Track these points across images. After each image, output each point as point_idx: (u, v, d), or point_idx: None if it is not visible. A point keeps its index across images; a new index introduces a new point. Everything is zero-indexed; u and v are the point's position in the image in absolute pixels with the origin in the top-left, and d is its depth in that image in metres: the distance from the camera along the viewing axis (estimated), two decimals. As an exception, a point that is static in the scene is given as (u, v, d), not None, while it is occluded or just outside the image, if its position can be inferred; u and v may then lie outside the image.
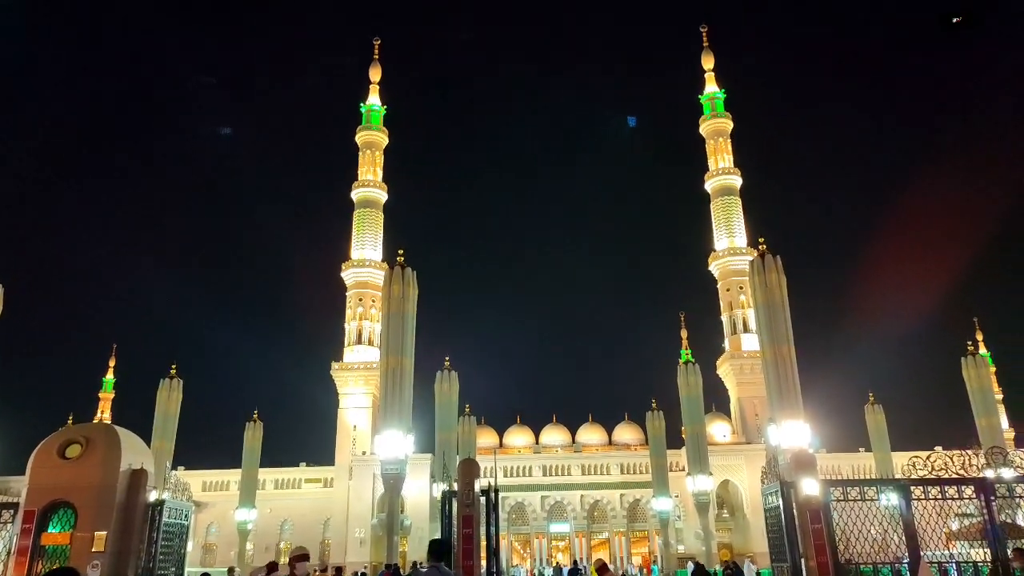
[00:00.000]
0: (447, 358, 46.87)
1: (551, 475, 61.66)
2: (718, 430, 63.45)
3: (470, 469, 22.57)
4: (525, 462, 62.86)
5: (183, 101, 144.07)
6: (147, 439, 35.11)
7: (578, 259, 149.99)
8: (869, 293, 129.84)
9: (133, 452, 20.43)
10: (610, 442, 67.27)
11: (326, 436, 65.16)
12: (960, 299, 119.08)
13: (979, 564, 21.75)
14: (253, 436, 51.97)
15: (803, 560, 21.80)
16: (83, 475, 18.58)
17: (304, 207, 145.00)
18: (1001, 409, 66.15)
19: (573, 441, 67.63)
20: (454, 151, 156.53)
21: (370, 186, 70.76)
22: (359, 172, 71.52)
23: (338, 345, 67.67)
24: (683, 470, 52.12)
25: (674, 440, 52.11)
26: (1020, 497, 22.23)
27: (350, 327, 67.14)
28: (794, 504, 22.48)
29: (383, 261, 65.98)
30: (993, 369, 65.42)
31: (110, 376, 76.03)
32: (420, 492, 52.68)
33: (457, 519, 22.19)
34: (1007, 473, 23.33)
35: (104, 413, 73.61)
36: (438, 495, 30.04)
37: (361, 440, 61.14)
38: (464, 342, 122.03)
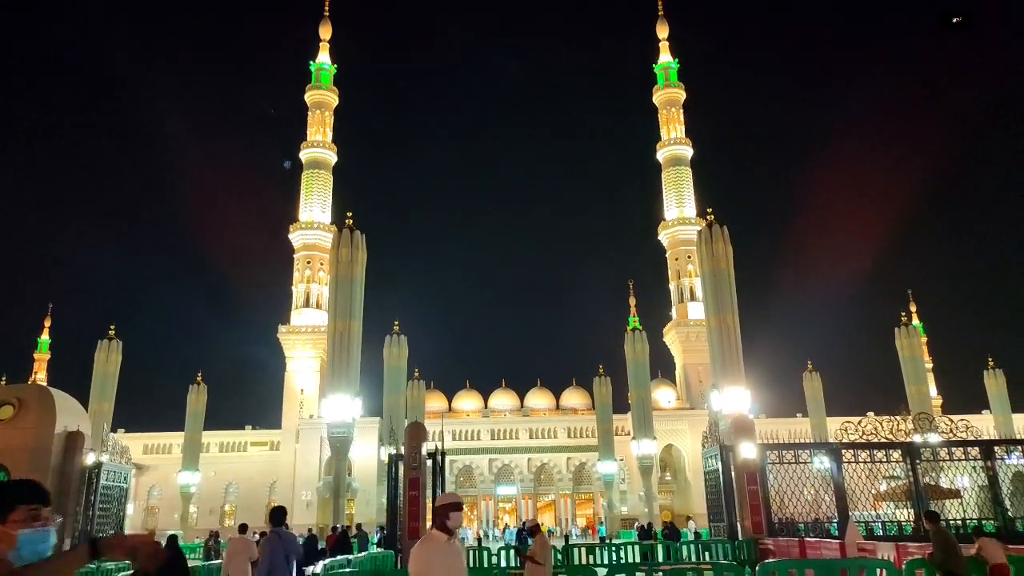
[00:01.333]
0: (396, 322, 46.70)
1: (499, 439, 62.31)
2: (663, 396, 64.85)
3: (417, 433, 22.61)
4: (474, 426, 63.36)
5: (124, 55, 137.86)
6: (85, 402, 34.23)
7: (529, 226, 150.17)
8: (811, 264, 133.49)
9: (69, 414, 19.87)
10: (558, 407, 68.21)
11: (272, 399, 64.55)
12: (896, 272, 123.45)
13: (903, 523, 22.87)
14: (197, 399, 51.08)
15: (739, 520, 22.60)
16: (16, 437, 18.00)
17: (252, 168, 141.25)
18: (931, 377, 69.27)
19: (521, 406, 68.36)
20: (405, 114, 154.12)
21: (319, 147, 69.18)
22: (308, 132, 69.81)
23: (285, 308, 66.69)
24: (628, 434, 53.24)
25: (620, 405, 53.13)
26: (943, 460, 23.41)
27: (297, 290, 66.12)
28: (732, 467, 23.24)
29: (332, 224, 64.87)
30: (925, 339, 68.21)
31: (45, 337, 73.58)
32: (368, 455, 52.72)
33: (404, 482, 22.27)
34: (933, 438, 24.49)
35: (39, 374, 71.33)
36: (386, 458, 30.09)
37: (308, 404, 60.68)
38: (414, 307, 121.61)
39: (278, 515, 10.44)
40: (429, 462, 23.36)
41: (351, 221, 33.32)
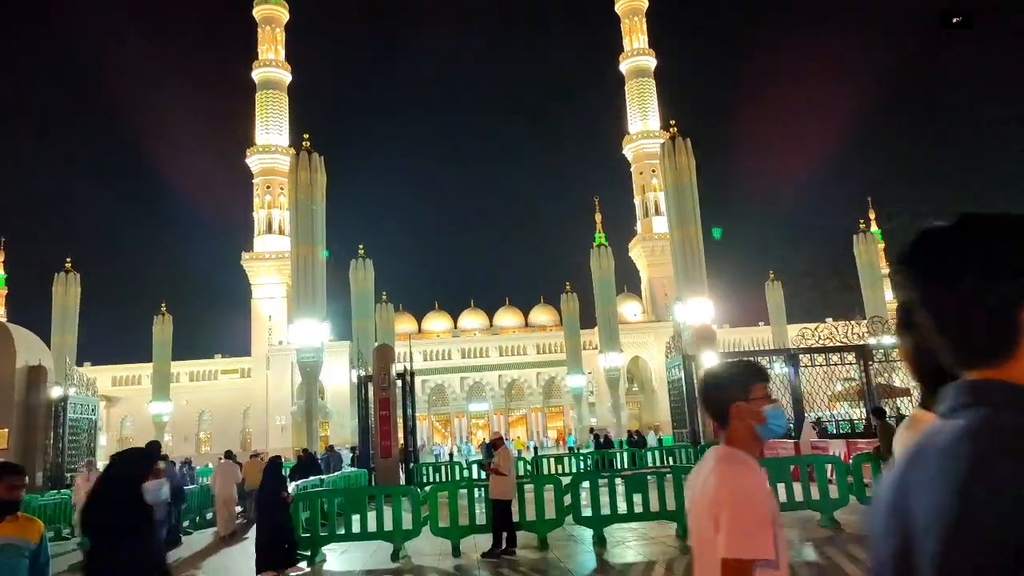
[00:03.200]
0: (361, 246, 46.25)
1: (470, 357, 63.22)
2: (629, 310, 65.91)
3: (385, 354, 22.81)
4: (444, 346, 64.06)
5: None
6: (46, 337, 33.70)
7: (495, 145, 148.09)
8: (774, 174, 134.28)
9: (29, 349, 19.61)
10: (526, 324, 69.09)
11: (241, 327, 64.30)
12: (856, 180, 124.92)
13: (855, 422, 23.96)
14: (162, 329, 50.70)
15: (701, 426, 23.46)
16: (-26, 374, 17.77)
17: (209, 90, 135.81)
18: (886, 283, 71.21)
19: (491, 325, 69.11)
20: (362, 29, 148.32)
21: (272, 66, 66.49)
22: (259, 51, 66.91)
23: (248, 234, 65.61)
24: (596, 348, 54.28)
25: (588, 320, 53.97)
26: (896, 361, 24.32)
27: (259, 216, 64.90)
28: (695, 375, 23.94)
29: (290, 147, 63.10)
30: (882, 245, 69.72)
31: (0, 272, 71.65)
32: (340, 379, 53.20)
33: (374, 402, 22.60)
34: (887, 340, 25.35)
35: (-3, 311, 69.80)
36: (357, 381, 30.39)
37: (277, 330, 60.56)
38: (380, 230, 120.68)
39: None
40: (399, 383, 23.69)
41: (308, 143, 32.45)
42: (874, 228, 68.75)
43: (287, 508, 10.24)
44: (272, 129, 65.55)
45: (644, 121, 69.88)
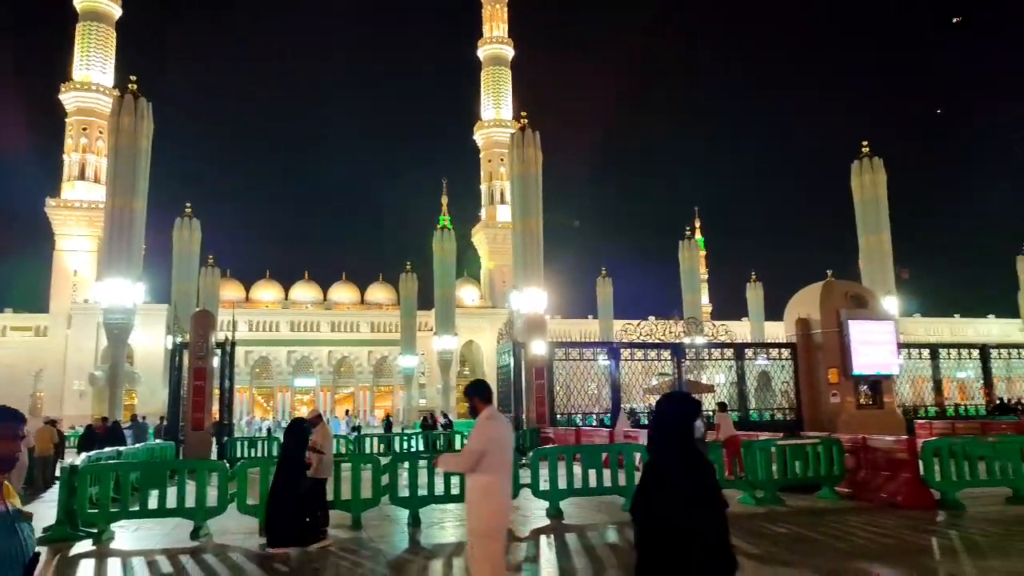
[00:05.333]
0: (188, 204, 43.07)
1: (299, 331, 61.07)
2: (468, 294, 66.56)
3: (205, 321, 21.44)
4: (273, 317, 61.44)
5: None
6: None
7: (341, 112, 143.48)
8: (616, 175, 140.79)
9: None
10: (362, 301, 67.80)
11: (38, 280, 57.87)
12: (687, 187, 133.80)
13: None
14: (-59, 276, 44.54)
15: (525, 411, 24.15)
16: None
17: (13, 10, 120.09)
18: (704, 287, 77.01)
19: (325, 299, 67.14)
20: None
21: (100, -6, 60.01)
22: (84, -25, 60.15)
23: (56, 179, 59.06)
24: (431, 330, 54.30)
25: (426, 302, 53.80)
26: (705, 360, 26.37)
27: (71, 159, 58.59)
28: (523, 362, 24.59)
29: (114, 87, 57.39)
30: (703, 252, 75.36)
31: None
32: (154, 344, 49.53)
33: (188, 371, 21.20)
34: (700, 340, 27.40)
35: None
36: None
37: (83, 286, 55.12)
38: (210, 188, 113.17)
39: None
40: (219, 352, 22.37)
41: (135, 86, 29.65)
42: (698, 236, 73.96)
43: (307, 477, 9.36)
44: (94, 65, 59.29)
45: (497, 109, 70.57)
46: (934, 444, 12.26)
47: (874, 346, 22.59)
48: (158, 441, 21.00)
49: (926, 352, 27.29)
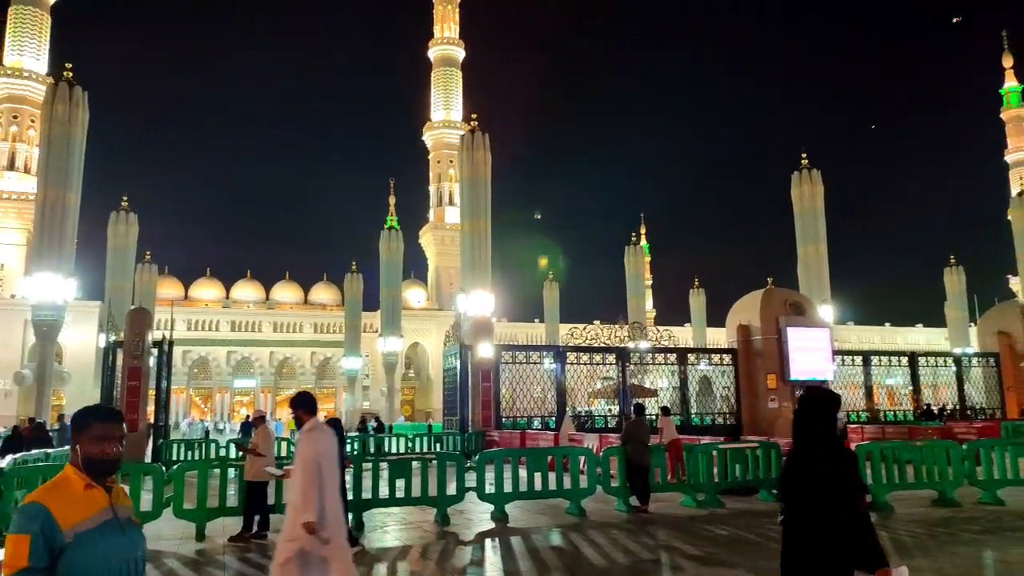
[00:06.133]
0: (125, 197, 41.68)
1: (240, 331, 59.67)
2: (414, 296, 66.06)
3: (141, 319, 20.77)
4: (213, 316, 59.89)
5: None
6: None
7: (288, 109, 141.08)
8: (566, 179, 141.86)
9: None
10: (306, 301, 66.65)
11: (-39, 274, 55.08)
12: (635, 193, 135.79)
13: (608, 417, 25.98)
14: None
15: (471, 414, 24.09)
16: None
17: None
18: (649, 293, 78.25)
19: (267, 298, 65.78)
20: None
21: (33, -22, 57.56)
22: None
23: (-18, 168, 56.34)
24: (376, 332, 53.75)
25: (371, 303, 53.24)
26: (648, 364, 26.75)
27: (-1, 149, 56.06)
28: (470, 365, 24.53)
29: (48, 75, 55.13)
30: (648, 259, 76.48)
31: None
32: (86, 342, 47.78)
33: (122, 371, 20.49)
34: (643, 345, 27.78)
35: None
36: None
37: (10, 281, 52.76)
38: (148, 183, 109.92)
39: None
40: (155, 351, 21.70)
41: (71, 74, 28.61)
42: (644, 242, 75.11)
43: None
44: (27, 51, 56.88)
45: (447, 110, 70.32)
46: (865, 448, 12.69)
47: (810, 352, 23.29)
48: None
49: (859, 359, 28.23)
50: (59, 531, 2.37)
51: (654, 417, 19.58)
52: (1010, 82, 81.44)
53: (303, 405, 5.57)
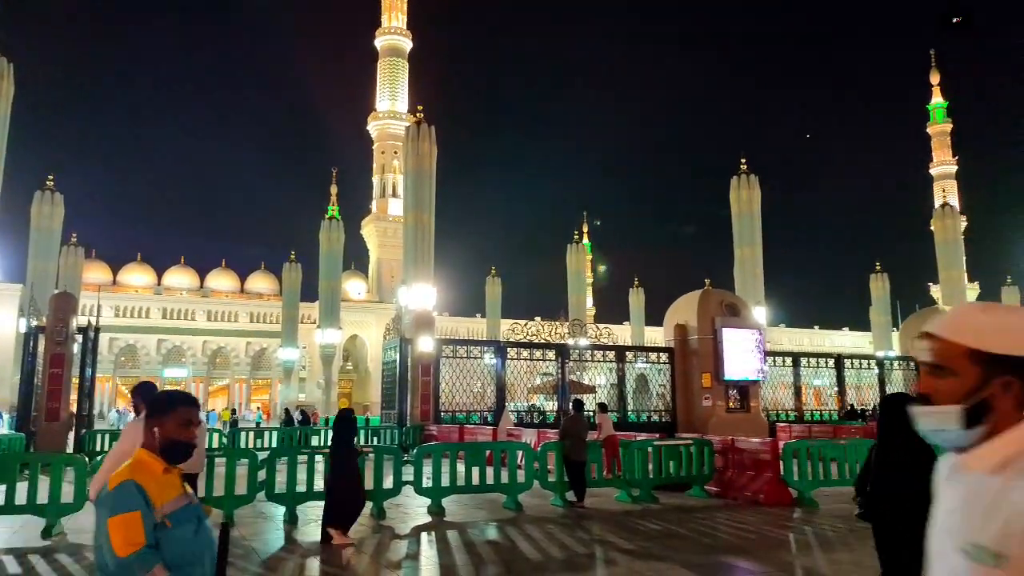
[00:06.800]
0: (51, 177, 39.83)
1: (172, 318, 57.89)
2: (354, 287, 65.23)
3: (65, 304, 19.92)
4: (143, 303, 57.93)
5: None
6: None
7: (228, 93, 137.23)
8: (512, 174, 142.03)
9: None
10: (242, 290, 65.09)
11: None
12: (577, 193, 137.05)
13: (547, 413, 26.16)
14: None
15: (409, 408, 23.93)
16: None
17: None
18: (589, 290, 79.08)
19: (202, 286, 63.99)
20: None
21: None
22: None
23: None
24: (314, 323, 52.88)
25: (310, 293, 52.38)
26: (587, 361, 27.04)
27: (-86, 119, 52.88)
28: (410, 359, 24.36)
29: (-31, 44, 52.23)
30: (589, 256, 77.29)
31: None
32: (6, 327, 45.52)
33: (44, 358, 19.62)
34: (583, 342, 28.05)
35: None
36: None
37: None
38: (77, 162, 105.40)
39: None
40: (80, 338, 20.85)
41: (-5, 45, 27.18)
42: (586, 240, 75.88)
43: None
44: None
45: (393, 101, 69.57)
46: (793, 446, 13.13)
47: (743, 353, 23.91)
48: (5, 432, 19.31)
49: (788, 360, 29.16)
50: (154, 510, 2.35)
51: (592, 413, 19.81)
52: (937, 98, 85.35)
53: (146, 395, 5.37)
